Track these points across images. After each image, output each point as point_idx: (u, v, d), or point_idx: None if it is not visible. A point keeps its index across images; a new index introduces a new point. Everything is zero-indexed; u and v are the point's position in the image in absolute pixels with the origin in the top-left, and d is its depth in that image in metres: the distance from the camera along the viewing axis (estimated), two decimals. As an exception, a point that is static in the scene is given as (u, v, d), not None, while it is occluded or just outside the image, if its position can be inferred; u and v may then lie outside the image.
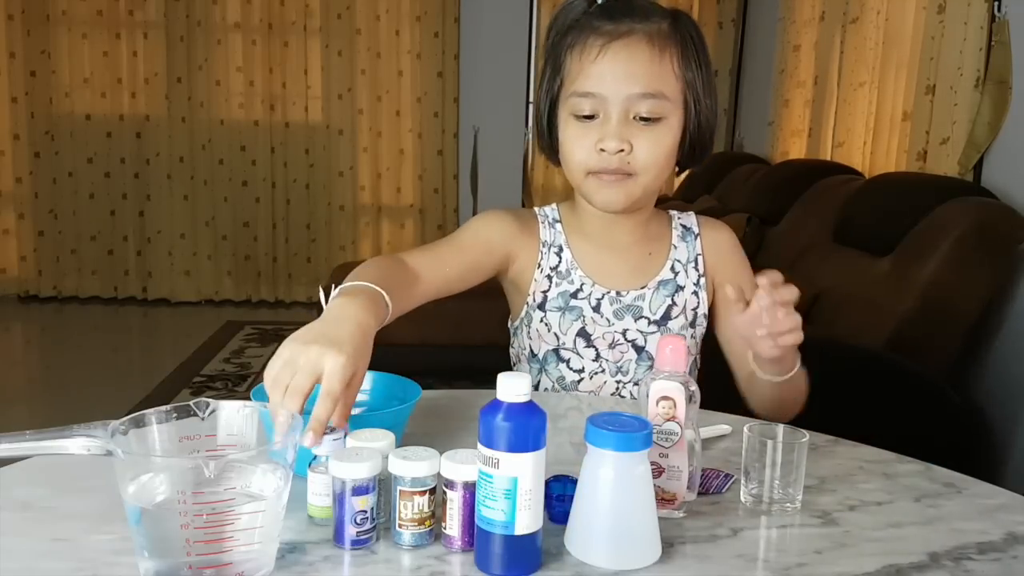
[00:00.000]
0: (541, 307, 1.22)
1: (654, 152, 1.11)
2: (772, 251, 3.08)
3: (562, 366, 1.22)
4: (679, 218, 1.27)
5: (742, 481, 0.90)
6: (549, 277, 1.22)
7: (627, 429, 0.74)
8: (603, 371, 1.21)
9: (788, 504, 0.88)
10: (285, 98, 5.02)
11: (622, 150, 1.10)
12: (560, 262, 1.23)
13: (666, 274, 1.22)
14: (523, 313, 1.24)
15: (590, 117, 1.11)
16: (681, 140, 1.14)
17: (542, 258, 1.23)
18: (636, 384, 1.21)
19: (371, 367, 1.04)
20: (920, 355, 2.04)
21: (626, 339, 1.20)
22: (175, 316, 4.93)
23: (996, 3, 2.42)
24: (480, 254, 1.20)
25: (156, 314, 4.98)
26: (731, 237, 1.28)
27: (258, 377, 3.67)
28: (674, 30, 1.12)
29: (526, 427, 0.71)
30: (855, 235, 2.54)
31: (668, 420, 0.83)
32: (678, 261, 1.23)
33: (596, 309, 1.21)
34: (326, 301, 0.94)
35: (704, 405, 1.16)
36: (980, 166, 2.50)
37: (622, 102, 1.09)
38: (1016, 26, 2.38)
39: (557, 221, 1.25)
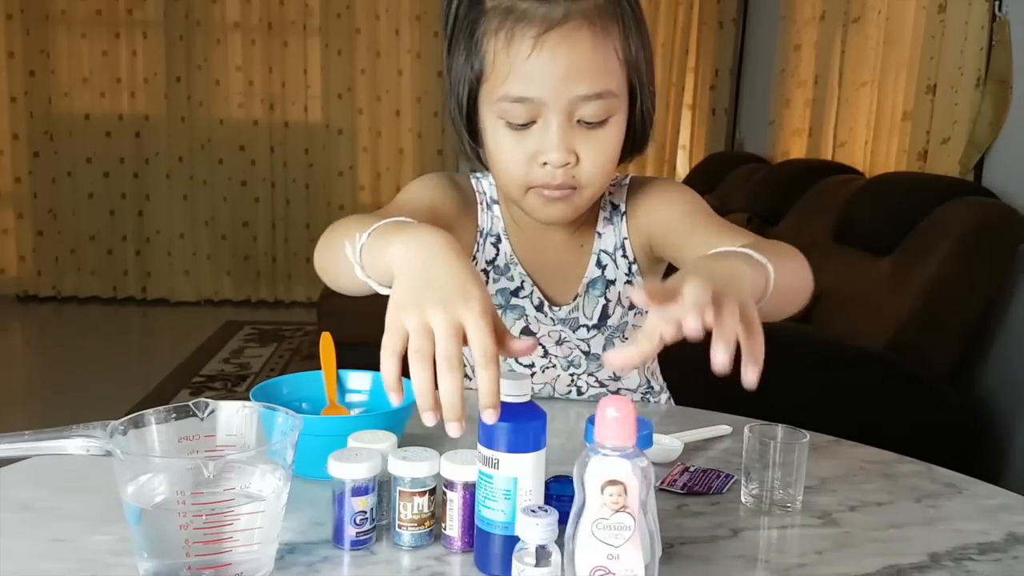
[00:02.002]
0: None
1: (601, 159, 0.96)
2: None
3: (511, 360, 1.12)
4: (610, 194, 1.11)
5: (742, 481, 0.90)
6: (486, 272, 1.11)
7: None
8: (554, 366, 1.14)
9: (788, 504, 0.88)
10: (284, 98, 5.03)
11: (568, 163, 0.95)
12: (498, 255, 1.11)
13: (592, 271, 1.11)
14: None
15: (525, 125, 0.95)
16: (625, 134, 1.00)
17: (478, 249, 1.11)
18: (591, 375, 1.15)
19: (371, 367, 1.04)
20: (921, 355, 2.04)
21: (572, 339, 1.13)
22: (174, 316, 4.93)
23: (997, 3, 2.42)
24: (434, 217, 1.01)
25: (155, 314, 4.98)
26: (654, 194, 1.10)
27: (258, 377, 3.68)
28: (610, 1, 0.95)
29: (526, 427, 0.71)
30: (856, 235, 2.54)
31: (618, 510, 0.63)
32: (604, 252, 1.10)
33: (539, 309, 1.12)
34: (356, 255, 0.80)
35: (704, 405, 1.17)
36: (981, 166, 2.50)
37: (565, 107, 0.93)
38: (1017, 25, 2.38)
39: (495, 202, 1.12)
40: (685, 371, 1.33)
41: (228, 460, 0.71)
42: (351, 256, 0.81)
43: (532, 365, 1.15)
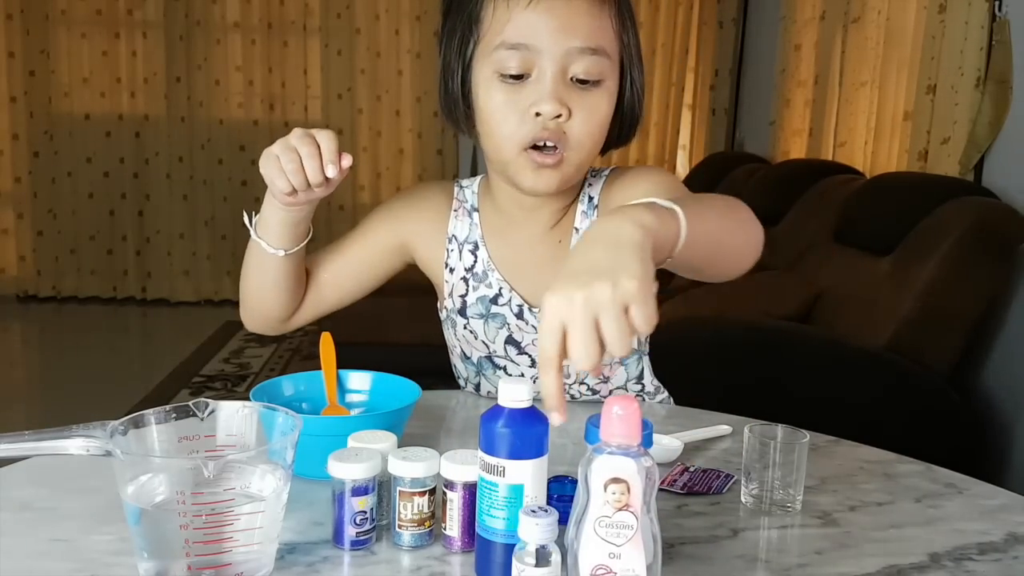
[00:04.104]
0: (462, 313, 1.12)
1: (591, 121, 0.98)
2: (773, 251, 3.09)
3: (500, 372, 1.14)
4: (589, 186, 1.10)
5: (742, 481, 0.90)
6: (465, 280, 1.12)
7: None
8: None
9: (788, 504, 0.88)
10: (284, 98, 5.02)
11: (560, 116, 0.95)
12: (476, 262, 1.11)
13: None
14: (444, 316, 1.16)
15: (519, 77, 0.96)
16: (614, 111, 1.01)
17: (449, 255, 1.12)
18: (582, 383, 1.14)
19: (371, 367, 1.05)
20: (921, 355, 2.04)
21: None
22: (174, 316, 4.93)
23: (996, 3, 2.42)
24: (373, 251, 1.13)
25: (155, 314, 4.97)
26: (626, 180, 1.08)
27: (258, 377, 3.68)
28: None
29: (529, 433, 0.71)
30: (856, 235, 2.54)
31: (620, 509, 0.63)
32: None
33: (519, 316, 1.10)
34: (250, 222, 1.04)
35: (704, 405, 1.17)
36: (981, 166, 2.50)
37: (559, 57, 0.95)
38: (1016, 25, 2.38)
39: (475, 210, 1.12)
40: (684, 367, 1.33)
41: (228, 460, 0.71)
42: (251, 228, 1.02)
43: (522, 376, 1.13)
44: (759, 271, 0.97)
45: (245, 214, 1.04)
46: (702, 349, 1.92)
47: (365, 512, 0.76)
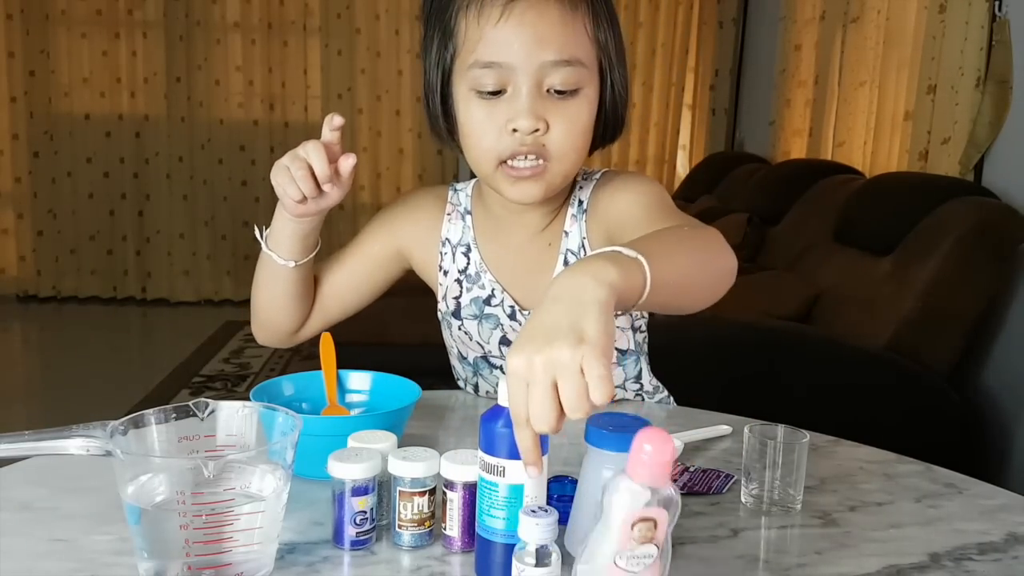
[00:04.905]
0: (456, 315, 1.13)
1: (572, 131, 0.97)
2: (773, 251, 3.09)
3: (496, 372, 1.15)
4: (580, 188, 1.10)
5: (742, 482, 0.90)
6: (459, 282, 1.12)
7: (627, 430, 0.74)
8: None
9: (788, 504, 0.88)
10: (284, 98, 5.03)
11: (537, 130, 0.95)
12: (468, 264, 1.12)
13: (560, 272, 1.09)
14: (440, 317, 1.17)
15: (496, 93, 0.96)
16: (596, 115, 1.00)
17: (443, 258, 1.13)
18: None
19: (371, 367, 1.05)
20: (921, 355, 2.04)
21: None
22: (174, 316, 4.93)
23: (997, 2, 2.42)
24: (370, 261, 1.14)
25: (155, 314, 4.97)
26: (614, 188, 1.07)
27: (258, 377, 3.68)
28: None
29: None
30: (856, 235, 2.54)
31: (645, 543, 0.61)
32: (570, 251, 1.08)
33: (512, 318, 1.10)
34: (262, 235, 1.09)
35: (703, 405, 1.17)
36: (981, 166, 2.50)
37: (534, 72, 0.94)
38: (1016, 25, 2.38)
39: (468, 213, 1.13)
40: (683, 368, 1.33)
41: (228, 460, 0.71)
42: (262, 242, 1.06)
43: None
44: (759, 271, 0.98)
45: (256, 228, 1.07)
46: (701, 348, 1.92)
47: (365, 512, 0.76)
